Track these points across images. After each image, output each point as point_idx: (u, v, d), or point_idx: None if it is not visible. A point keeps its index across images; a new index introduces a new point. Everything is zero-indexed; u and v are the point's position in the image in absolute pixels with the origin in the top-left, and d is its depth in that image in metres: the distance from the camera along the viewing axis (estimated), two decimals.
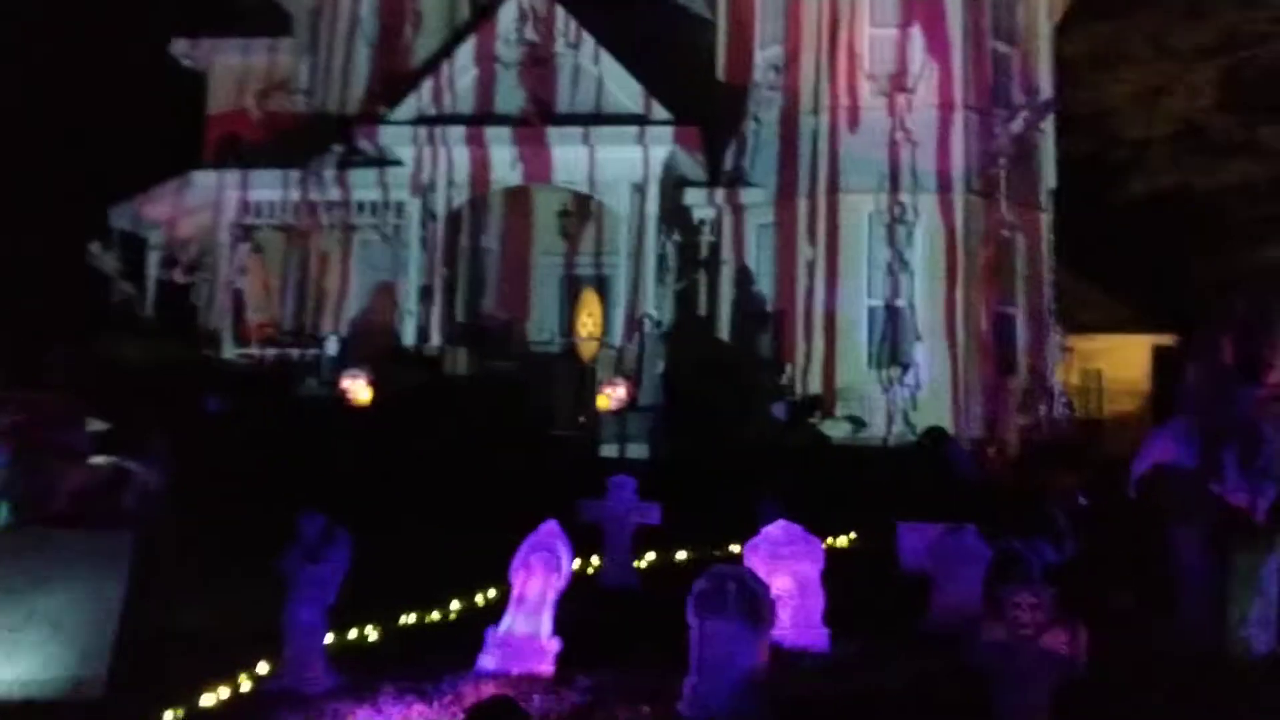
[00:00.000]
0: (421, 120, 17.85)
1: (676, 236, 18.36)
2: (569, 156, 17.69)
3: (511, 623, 6.75)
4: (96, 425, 12.60)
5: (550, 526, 6.94)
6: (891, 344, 17.35)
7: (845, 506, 11.75)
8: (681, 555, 10.19)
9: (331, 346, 16.12)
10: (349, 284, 19.81)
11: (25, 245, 18.48)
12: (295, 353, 18.09)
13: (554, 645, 6.66)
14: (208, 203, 19.03)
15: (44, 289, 19.07)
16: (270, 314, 20.01)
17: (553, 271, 20.41)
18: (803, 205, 17.83)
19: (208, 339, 19.10)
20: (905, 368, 17.08)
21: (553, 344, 20.05)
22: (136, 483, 10.79)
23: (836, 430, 16.77)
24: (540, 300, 20.37)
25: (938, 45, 17.71)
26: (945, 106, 17.60)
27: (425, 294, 17.90)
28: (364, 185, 18.30)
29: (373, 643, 7.48)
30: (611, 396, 15.07)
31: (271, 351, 18.21)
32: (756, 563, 7.53)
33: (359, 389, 14.84)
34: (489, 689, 6.30)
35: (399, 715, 6.04)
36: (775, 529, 7.63)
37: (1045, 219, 18.77)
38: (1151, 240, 24.18)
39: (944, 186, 17.47)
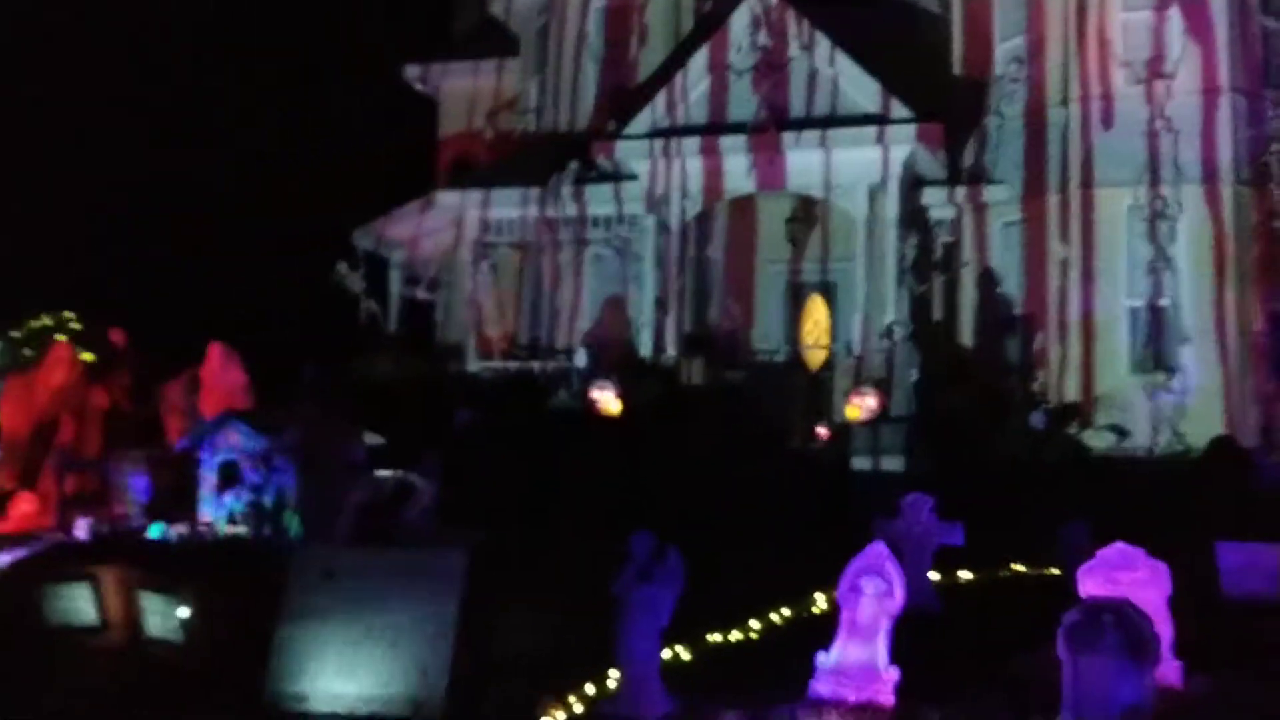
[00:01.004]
0: (655, 133, 17.87)
1: (914, 238, 17.78)
2: (804, 161, 17.37)
3: (844, 649, 6.49)
4: (371, 439, 13.06)
5: (879, 549, 6.64)
6: (1155, 347, 16.28)
7: (1136, 524, 10.99)
8: (968, 575, 9.71)
9: (581, 358, 16.28)
10: (581, 298, 20.02)
11: (275, 269, 19.45)
12: (536, 365, 18.39)
13: (893, 674, 6.36)
14: (448, 222, 19.61)
15: (292, 310, 19.98)
16: (505, 328, 20.45)
17: (777, 279, 20.02)
18: (1053, 201, 16.97)
19: (451, 354, 19.67)
20: (1171, 372, 15.99)
21: (778, 353, 19.71)
22: (420, 497, 11.10)
23: (1098, 441, 15.82)
24: (764, 308, 20.03)
25: (1199, 26, 16.55)
26: (1209, 91, 16.42)
27: (660, 305, 17.89)
28: (599, 201, 18.47)
29: (686, 664, 7.35)
30: (862, 406, 14.64)
31: (514, 364, 18.56)
32: (1091, 587, 7.04)
33: (608, 400, 14.91)
34: (833, 719, 6.06)
35: None
36: (1112, 552, 7.12)
37: None
38: None
39: (1209, 177, 16.30)
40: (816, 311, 19.72)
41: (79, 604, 7.70)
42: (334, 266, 19.92)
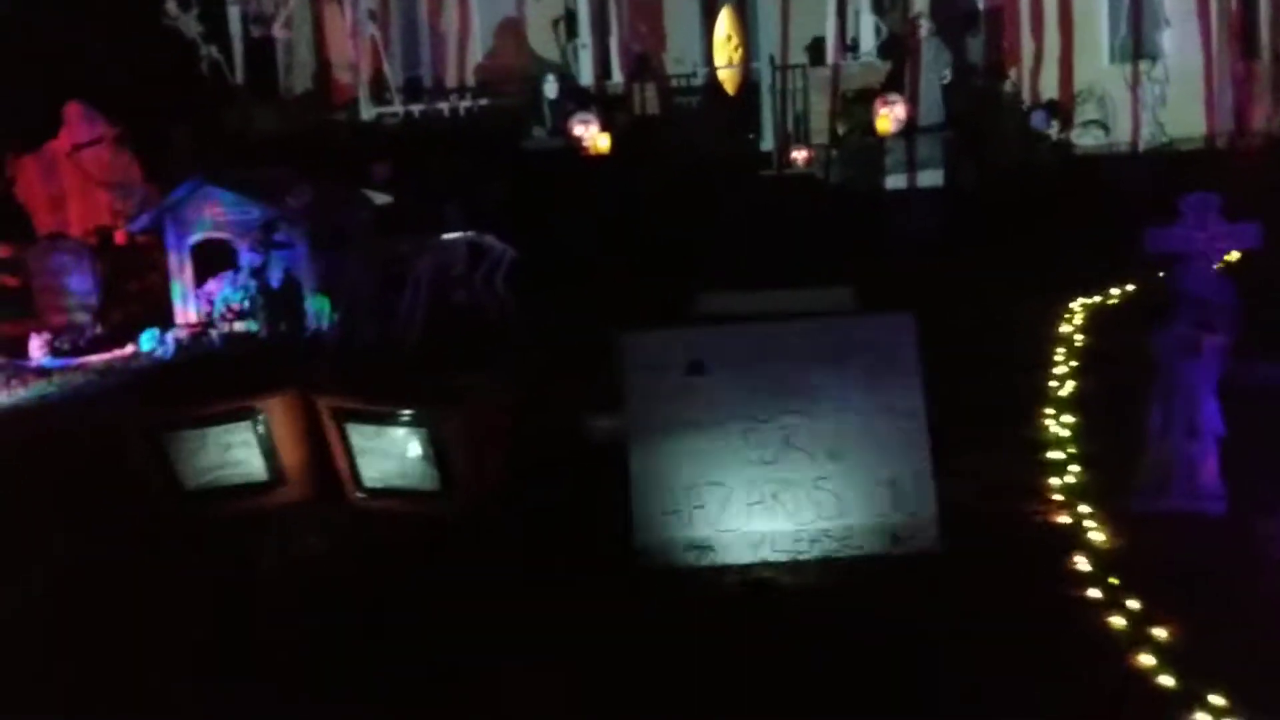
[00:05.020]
0: None
1: None
2: None
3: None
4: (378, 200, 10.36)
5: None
6: (1135, 34, 15.33)
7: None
8: None
9: (551, 89, 13.54)
10: (471, 23, 17.01)
11: (94, 11, 15.13)
12: (445, 106, 15.50)
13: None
14: None
15: (118, 64, 15.74)
16: (375, 65, 17.11)
17: None
18: None
19: (317, 101, 16.41)
20: (1154, 60, 15.18)
21: (695, 76, 17.57)
22: (502, 258, 8.75)
23: (1085, 139, 15.01)
24: (675, 24, 17.67)
25: None
26: None
27: (599, 23, 15.25)
28: None
29: None
30: (890, 116, 12.95)
31: (417, 107, 15.58)
32: None
33: (595, 136, 12.52)
34: None
35: None
36: None
37: None
38: None
39: None
40: (728, 25, 17.56)
41: (237, 452, 5.08)
42: (161, 6, 15.87)
